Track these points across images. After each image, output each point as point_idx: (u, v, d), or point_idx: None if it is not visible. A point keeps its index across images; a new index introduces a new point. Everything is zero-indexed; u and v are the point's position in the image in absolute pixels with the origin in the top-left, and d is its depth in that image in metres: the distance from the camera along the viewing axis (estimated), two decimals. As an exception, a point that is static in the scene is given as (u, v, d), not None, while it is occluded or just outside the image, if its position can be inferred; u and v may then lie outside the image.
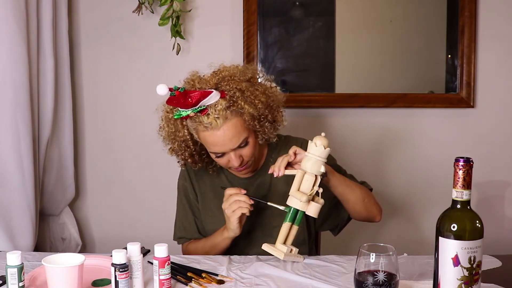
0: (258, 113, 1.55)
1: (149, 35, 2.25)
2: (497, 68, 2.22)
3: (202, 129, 1.51)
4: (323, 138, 1.45)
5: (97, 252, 2.23)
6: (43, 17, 1.98)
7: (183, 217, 1.76)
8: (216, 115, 1.48)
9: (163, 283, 1.30)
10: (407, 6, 2.24)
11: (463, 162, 1.10)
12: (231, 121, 1.50)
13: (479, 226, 1.12)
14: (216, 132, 1.50)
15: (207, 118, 1.48)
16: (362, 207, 1.62)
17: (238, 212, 1.51)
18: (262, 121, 1.57)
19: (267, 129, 1.59)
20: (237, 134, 1.52)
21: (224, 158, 1.57)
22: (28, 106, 1.86)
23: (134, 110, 2.31)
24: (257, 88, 1.56)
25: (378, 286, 1.12)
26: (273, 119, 1.60)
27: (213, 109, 1.48)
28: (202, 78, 1.55)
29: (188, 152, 1.61)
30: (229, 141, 1.52)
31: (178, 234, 1.78)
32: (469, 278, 1.11)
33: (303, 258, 1.52)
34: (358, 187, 1.62)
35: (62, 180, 2.22)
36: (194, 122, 1.52)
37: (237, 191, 1.54)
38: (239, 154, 1.56)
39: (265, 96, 1.57)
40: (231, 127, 1.51)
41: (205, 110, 1.48)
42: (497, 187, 2.29)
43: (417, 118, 2.27)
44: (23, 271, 1.28)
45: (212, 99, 1.48)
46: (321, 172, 1.44)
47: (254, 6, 2.19)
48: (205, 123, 1.49)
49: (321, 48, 2.26)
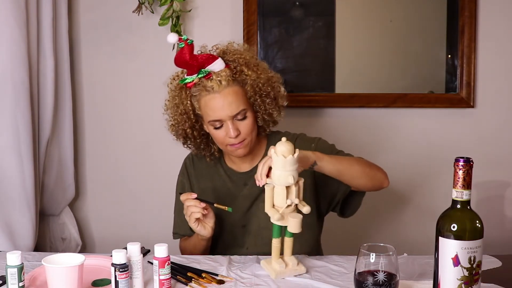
0: (260, 85, 1.60)
1: (149, 35, 2.25)
2: (497, 68, 2.22)
3: (204, 94, 1.57)
4: (283, 145, 1.35)
5: (97, 252, 2.23)
6: (43, 17, 1.98)
7: (179, 213, 1.76)
8: (219, 78, 1.54)
9: (163, 283, 1.30)
10: (407, 6, 2.23)
11: (463, 162, 1.10)
12: (232, 88, 1.57)
13: (479, 226, 1.12)
14: (217, 95, 1.55)
15: (210, 82, 1.55)
16: (366, 178, 1.57)
17: (192, 217, 1.55)
18: (264, 97, 1.62)
19: (268, 105, 1.62)
20: (237, 100, 1.57)
21: (221, 130, 1.59)
22: (28, 106, 1.86)
23: (134, 110, 2.31)
24: (259, 65, 1.64)
25: (378, 286, 1.13)
26: (274, 97, 1.64)
27: (216, 74, 1.55)
28: (210, 50, 1.64)
29: (188, 124, 1.64)
30: (228, 106, 1.56)
31: (174, 229, 1.81)
32: (469, 278, 1.11)
33: (305, 269, 1.44)
34: (355, 161, 1.57)
35: (62, 180, 2.22)
36: (197, 87, 1.58)
37: (188, 196, 1.56)
38: (236, 127, 1.58)
39: (266, 73, 1.64)
40: (232, 93, 1.56)
41: (209, 75, 1.55)
42: (497, 187, 2.29)
43: (417, 118, 2.27)
44: (23, 271, 1.28)
45: (217, 65, 1.55)
46: (290, 183, 1.35)
47: (254, 6, 2.19)
48: (208, 87, 1.55)
49: (321, 48, 2.26)
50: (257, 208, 1.67)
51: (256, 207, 1.68)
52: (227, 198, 1.69)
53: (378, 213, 2.28)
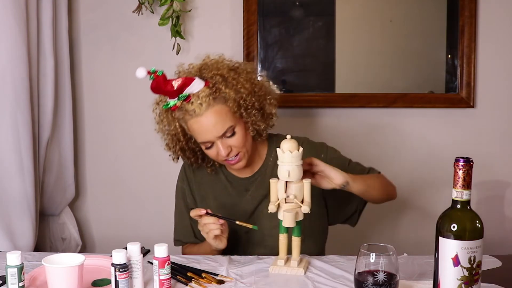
0: (243, 99, 1.54)
1: (149, 35, 2.25)
2: (497, 68, 2.22)
3: (188, 118, 1.53)
4: (288, 142, 1.41)
5: (97, 252, 2.23)
6: (43, 17, 1.98)
7: (180, 220, 1.76)
8: (199, 101, 1.49)
9: (163, 283, 1.30)
10: (407, 6, 2.23)
11: (463, 162, 1.10)
12: (214, 108, 1.51)
13: (479, 226, 1.12)
14: (200, 119, 1.51)
15: (191, 105, 1.50)
16: (384, 195, 1.67)
17: (211, 234, 1.52)
18: (249, 109, 1.56)
19: (255, 117, 1.57)
20: (221, 121, 1.52)
21: (213, 149, 1.56)
22: (28, 106, 1.86)
23: (134, 110, 2.31)
24: (240, 75, 1.56)
25: (378, 286, 1.12)
26: (260, 107, 1.59)
27: (196, 96, 1.50)
28: (187, 69, 1.59)
29: (179, 146, 1.62)
30: (212, 128, 1.51)
31: (175, 236, 1.78)
32: (469, 278, 1.11)
33: (303, 271, 1.44)
34: (376, 181, 1.63)
35: (62, 180, 2.22)
36: (181, 111, 1.53)
37: (198, 212, 1.53)
38: (226, 145, 1.55)
39: (250, 83, 1.57)
40: (215, 114, 1.51)
41: (188, 98, 1.50)
42: (497, 187, 2.29)
43: (417, 118, 2.27)
44: (23, 271, 1.28)
45: (195, 86, 1.50)
46: (286, 177, 1.40)
47: (254, 6, 2.19)
48: (190, 111, 1.50)
49: (321, 48, 2.26)
50: (260, 214, 1.65)
51: (259, 213, 1.66)
52: (228, 204, 1.68)
53: (378, 213, 2.28)
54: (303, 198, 1.43)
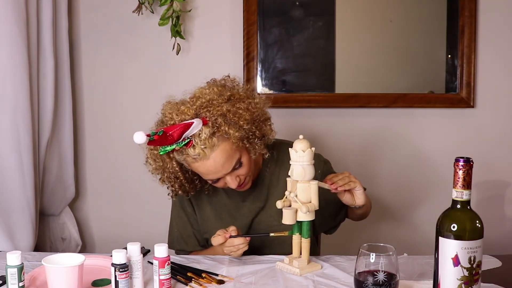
0: (245, 131, 1.47)
1: (149, 35, 2.25)
2: (497, 68, 2.22)
3: (191, 161, 1.44)
4: (300, 142, 1.43)
5: (97, 252, 2.23)
6: (43, 17, 1.98)
7: (182, 229, 1.73)
8: (202, 145, 1.39)
9: (163, 283, 1.30)
10: (407, 6, 2.23)
11: (463, 162, 1.10)
12: (219, 148, 1.43)
13: (479, 226, 1.12)
14: (206, 162, 1.43)
15: (194, 150, 1.40)
16: (365, 216, 1.70)
17: (240, 252, 1.51)
18: (251, 139, 1.49)
19: (257, 145, 1.52)
20: (229, 158, 1.45)
21: (220, 182, 1.52)
22: (28, 106, 1.86)
23: (134, 110, 2.31)
24: (239, 107, 1.47)
25: (378, 286, 1.13)
26: (261, 135, 1.52)
27: (197, 139, 1.39)
28: (179, 110, 1.44)
29: (178, 184, 1.55)
30: (221, 167, 1.46)
31: (178, 246, 1.73)
32: (469, 278, 1.11)
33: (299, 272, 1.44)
34: (369, 204, 1.63)
35: (62, 180, 2.22)
36: (181, 155, 1.44)
37: (222, 240, 1.49)
38: (235, 176, 1.51)
39: (249, 112, 1.48)
40: (221, 154, 1.44)
41: (190, 143, 1.40)
42: (497, 187, 2.29)
43: (417, 118, 2.27)
44: (23, 271, 1.28)
45: (195, 129, 1.39)
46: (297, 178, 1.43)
47: (254, 6, 2.19)
48: (193, 155, 1.41)
49: (321, 48, 2.26)
50: (258, 226, 1.65)
51: (256, 225, 1.65)
52: (225, 214, 1.67)
53: (378, 213, 2.28)
54: None
